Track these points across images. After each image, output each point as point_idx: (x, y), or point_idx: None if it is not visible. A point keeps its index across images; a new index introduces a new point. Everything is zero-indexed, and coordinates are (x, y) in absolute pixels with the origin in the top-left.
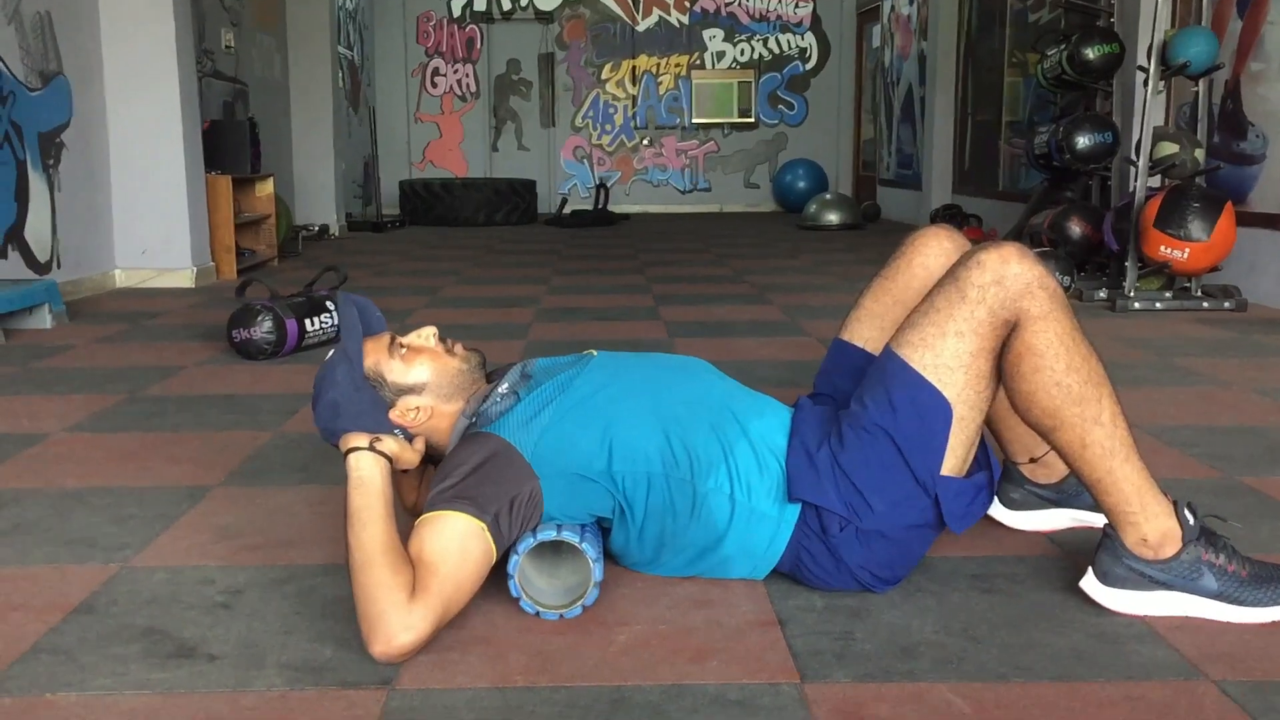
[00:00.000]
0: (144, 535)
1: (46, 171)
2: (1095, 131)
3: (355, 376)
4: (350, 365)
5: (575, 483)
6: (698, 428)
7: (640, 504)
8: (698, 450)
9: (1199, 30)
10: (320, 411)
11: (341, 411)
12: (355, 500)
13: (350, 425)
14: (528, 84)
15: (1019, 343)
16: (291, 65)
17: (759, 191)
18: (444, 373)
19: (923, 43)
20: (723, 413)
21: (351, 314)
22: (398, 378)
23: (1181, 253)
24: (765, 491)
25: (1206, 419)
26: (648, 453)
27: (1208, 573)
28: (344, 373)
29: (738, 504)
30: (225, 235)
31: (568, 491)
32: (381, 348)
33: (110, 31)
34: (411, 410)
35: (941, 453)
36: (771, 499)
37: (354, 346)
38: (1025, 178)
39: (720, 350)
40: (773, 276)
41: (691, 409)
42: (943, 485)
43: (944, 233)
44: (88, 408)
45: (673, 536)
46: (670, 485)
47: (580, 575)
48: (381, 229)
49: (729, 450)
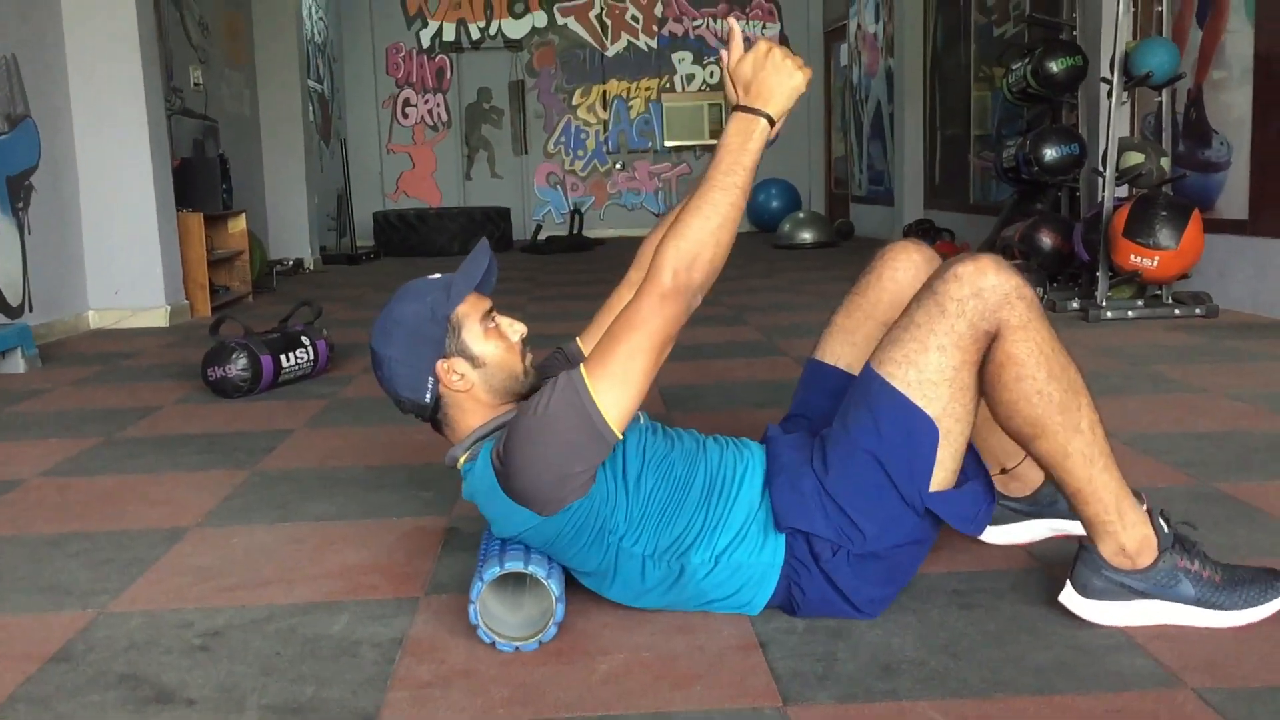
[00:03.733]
0: (121, 580)
1: (16, 215)
2: (1061, 143)
3: (441, 310)
4: (445, 298)
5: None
6: (687, 507)
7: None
8: (683, 534)
9: (1160, 41)
10: (388, 312)
11: (404, 326)
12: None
13: (402, 342)
14: (499, 112)
15: (1000, 352)
16: (261, 100)
17: None
18: (505, 367)
19: (889, 60)
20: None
21: (479, 263)
22: (470, 340)
23: (1151, 261)
24: (749, 544)
25: (1180, 425)
26: (652, 534)
27: (1184, 579)
28: (435, 300)
29: (721, 564)
30: (198, 273)
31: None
32: (478, 307)
33: (77, 73)
34: (457, 374)
35: (929, 471)
36: (756, 548)
37: (460, 288)
38: (996, 191)
39: (699, 373)
40: (749, 297)
41: (689, 492)
42: (934, 501)
43: (912, 246)
44: (63, 451)
45: (656, 593)
46: (656, 565)
47: (542, 608)
48: (356, 261)
49: (715, 522)
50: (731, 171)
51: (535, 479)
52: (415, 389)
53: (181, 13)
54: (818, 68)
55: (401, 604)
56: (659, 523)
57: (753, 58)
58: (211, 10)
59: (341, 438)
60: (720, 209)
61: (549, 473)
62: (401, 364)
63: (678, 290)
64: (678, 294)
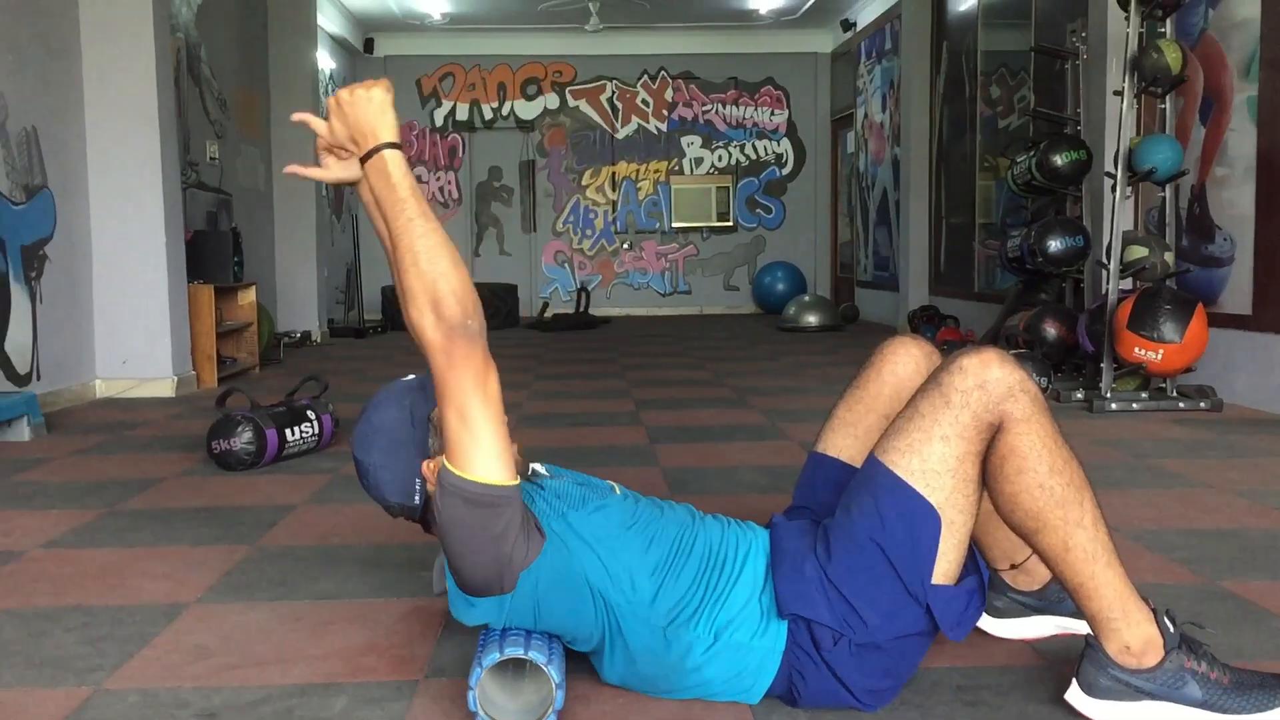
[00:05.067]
0: (118, 656)
1: (29, 284)
2: (1066, 235)
3: (419, 413)
4: (423, 398)
5: (578, 586)
6: (682, 579)
7: (622, 643)
8: (682, 603)
9: (1163, 138)
10: (366, 419)
11: (384, 432)
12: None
13: (385, 449)
14: (509, 190)
15: (1003, 445)
16: (275, 175)
17: (739, 293)
18: None
19: (895, 148)
20: (710, 559)
21: None
22: None
23: (1156, 354)
24: (750, 625)
25: (1186, 522)
26: (647, 597)
27: (1191, 681)
28: (412, 402)
29: (721, 642)
30: (207, 344)
31: (568, 589)
32: None
33: (96, 146)
34: None
35: (932, 561)
36: (758, 632)
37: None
38: (1000, 278)
39: (701, 455)
40: (753, 379)
41: (686, 560)
42: (934, 594)
43: (911, 341)
44: (65, 523)
45: (656, 670)
46: (652, 633)
47: (542, 694)
48: (363, 334)
49: (716, 596)
50: (399, 214)
51: (474, 567)
52: (404, 493)
53: (201, 88)
54: (825, 154)
55: (401, 687)
56: (653, 583)
57: (335, 116)
58: (230, 87)
59: (343, 514)
60: (417, 249)
61: (482, 554)
62: (387, 470)
63: (449, 337)
64: (451, 339)
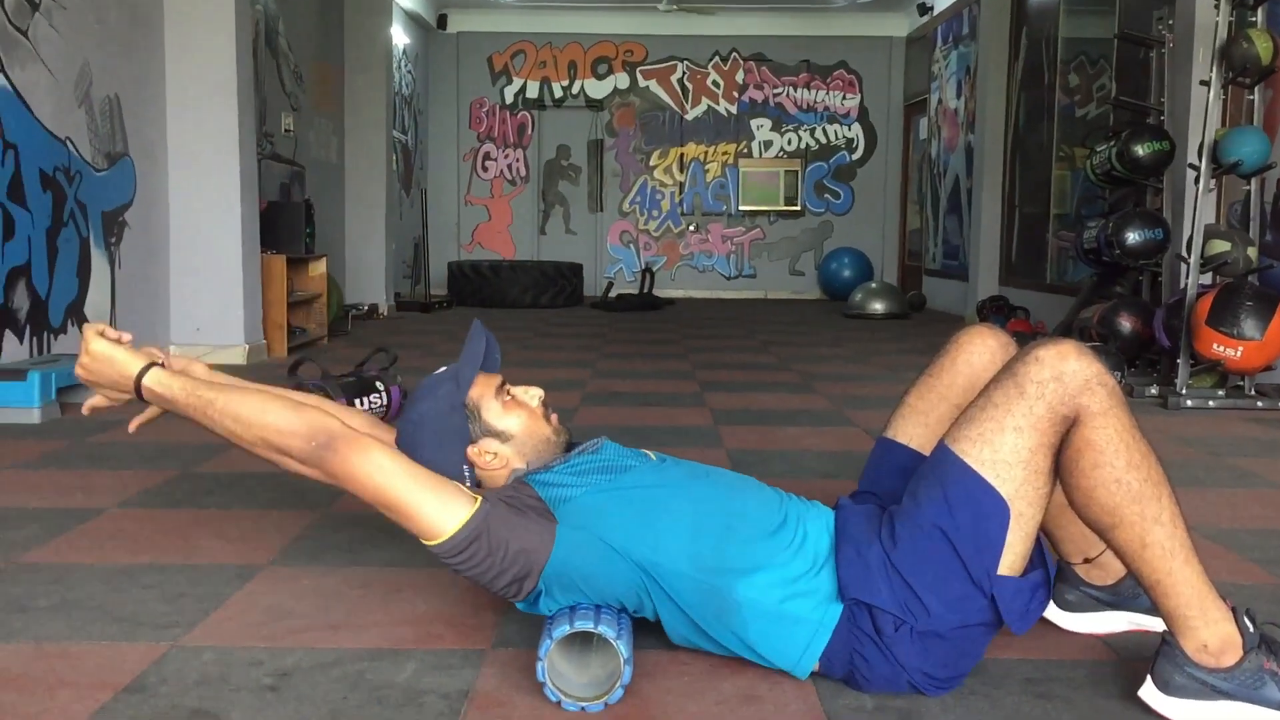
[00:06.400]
0: (194, 614)
1: (108, 249)
2: (1145, 228)
3: (455, 400)
4: (456, 387)
5: (603, 550)
6: (734, 538)
7: (664, 597)
8: (730, 559)
9: (1251, 130)
10: (406, 416)
11: (426, 425)
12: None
13: (429, 442)
14: (576, 169)
15: (1079, 438)
16: (348, 148)
17: (804, 279)
18: (533, 434)
19: (970, 135)
20: (764, 524)
21: (478, 344)
22: (492, 419)
23: (1235, 351)
24: (806, 599)
25: (1264, 522)
26: (678, 551)
27: (1270, 682)
28: (447, 392)
29: (773, 607)
30: (278, 314)
31: (595, 557)
32: (490, 386)
33: (176, 115)
34: (489, 454)
35: (999, 551)
36: (815, 605)
37: (468, 373)
38: (1073, 270)
39: (766, 439)
40: (818, 365)
41: (731, 520)
42: (1000, 585)
43: (989, 331)
44: (140, 483)
45: (707, 624)
46: (697, 587)
47: (609, 669)
48: (429, 309)
49: (766, 560)
50: (197, 413)
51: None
52: (454, 480)
53: (278, 61)
54: (897, 139)
55: (468, 655)
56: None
57: (95, 390)
58: (306, 60)
59: None
60: (232, 427)
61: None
62: (434, 464)
63: (315, 464)
64: (319, 464)
